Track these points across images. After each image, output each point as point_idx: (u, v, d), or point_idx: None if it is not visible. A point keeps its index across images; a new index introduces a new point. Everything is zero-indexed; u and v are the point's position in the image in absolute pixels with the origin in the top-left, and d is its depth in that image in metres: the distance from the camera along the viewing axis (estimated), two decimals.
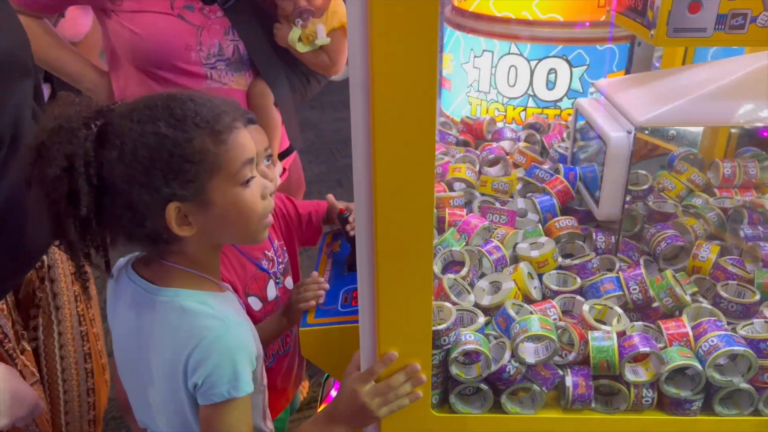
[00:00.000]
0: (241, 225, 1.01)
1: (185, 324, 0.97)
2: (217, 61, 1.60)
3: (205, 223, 0.97)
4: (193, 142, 0.91)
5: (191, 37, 1.56)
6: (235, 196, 0.97)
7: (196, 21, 1.56)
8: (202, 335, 0.95)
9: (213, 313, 0.98)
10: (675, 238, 1.30)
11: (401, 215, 0.90)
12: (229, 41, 1.61)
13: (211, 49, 1.59)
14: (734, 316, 1.15)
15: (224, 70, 1.62)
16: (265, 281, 1.44)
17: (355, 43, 0.81)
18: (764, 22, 1.14)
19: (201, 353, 0.94)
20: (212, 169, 0.93)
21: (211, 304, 0.99)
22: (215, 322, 0.97)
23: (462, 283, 1.21)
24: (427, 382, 1.02)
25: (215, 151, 0.93)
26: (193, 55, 1.57)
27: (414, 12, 0.78)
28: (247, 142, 0.99)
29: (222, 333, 0.96)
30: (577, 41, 1.88)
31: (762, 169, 1.52)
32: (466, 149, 1.78)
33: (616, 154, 1.25)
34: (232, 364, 0.94)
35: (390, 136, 0.85)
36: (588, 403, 1.07)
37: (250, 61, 1.66)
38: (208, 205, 0.95)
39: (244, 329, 1.01)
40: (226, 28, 1.60)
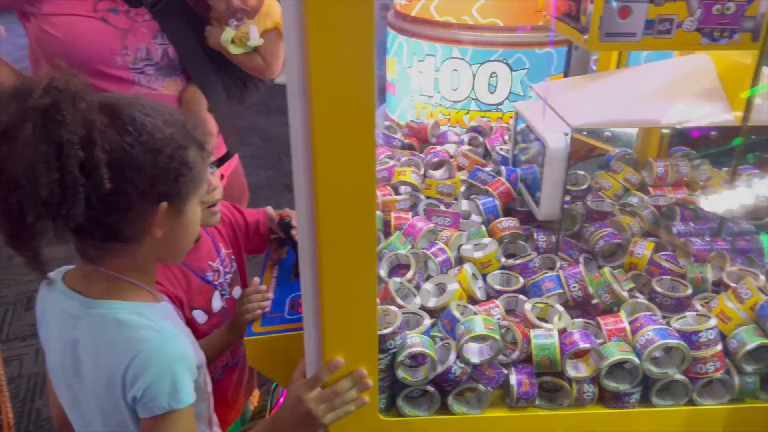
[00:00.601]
0: (186, 241, 1.03)
1: (121, 337, 0.94)
2: (145, 66, 1.56)
3: (170, 231, 0.96)
4: (189, 150, 0.94)
5: (116, 41, 1.51)
6: (196, 213, 1.00)
7: (122, 24, 1.52)
8: (138, 347, 0.92)
9: (149, 324, 0.96)
10: (612, 236, 1.34)
11: (343, 220, 0.90)
12: (158, 45, 1.57)
13: (138, 53, 1.54)
14: (669, 310, 1.19)
15: (153, 75, 1.58)
16: (210, 293, 1.41)
17: (292, 48, 0.80)
18: (689, 27, 1.19)
19: (138, 366, 0.91)
20: (195, 181, 0.96)
21: (148, 315, 0.97)
22: (152, 334, 0.94)
23: (408, 286, 1.21)
24: (374, 386, 1.02)
25: (201, 166, 0.97)
26: (118, 59, 1.52)
27: (350, 15, 0.78)
28: None
29: (159, 344, 0.94)
30: (516, 45, 1.93)
31: (693, 168, 1.59)
32: (411, 153, 1.79)
33: (554, 156, 1.28)
34: (171, 376, 0.92)
35: (330, 140, 0.84)
36: (532, 400, 1.09)
37: (181, 66, 1.62)
38: (181, 215, 0.96)
39: (182, 339, 0.98)
40: (155, 31, 1.56)
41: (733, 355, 1.10)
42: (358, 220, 0.90)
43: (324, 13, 0.77)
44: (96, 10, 1.50)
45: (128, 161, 0.87)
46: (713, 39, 1.20)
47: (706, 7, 1.16)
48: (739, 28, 1.19)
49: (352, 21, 0.78)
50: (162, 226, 0.94)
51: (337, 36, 0.79)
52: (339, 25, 0.78)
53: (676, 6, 1.16)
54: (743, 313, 1.11)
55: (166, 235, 0.96)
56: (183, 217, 0.96)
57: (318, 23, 0.78)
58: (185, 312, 1.36)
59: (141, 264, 1.00)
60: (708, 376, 1.09)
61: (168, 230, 0.95)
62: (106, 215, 0.90)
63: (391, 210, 1.46)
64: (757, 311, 1.10)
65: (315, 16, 0.77)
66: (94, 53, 1.52)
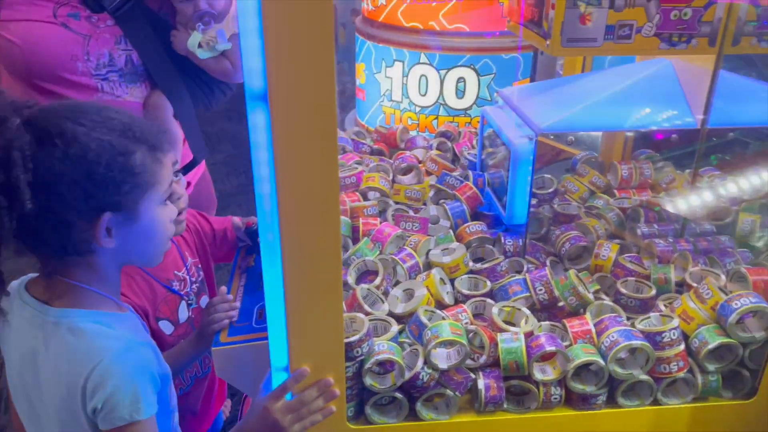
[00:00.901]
0: (153, 245, 1.01)
1: (82, 345, 0.92)
2: (108, 72, 1.53)
3: (126, 239, 0.95)
4: (135, 154, 0.91)
5: (77, 46, 1.48)
6: (158, 215, 0.98)
7: (83, 30, 1.49)
8: (99, 356, 0.91)
9: (111, 333, 0.94)
10: (578, 239, 1.35)
11: (306, 228, 0.89)
12: (121, 51, 1.54)
13: (101, 59, 1.51)
14: (633, 311, 1.21)
15: (117, 82, 1.55)
16: (176, 303, 1.39)
17: (250, 53, 0.79)
18: (648, 32, 1.21)
19: (99, 376, 0.90)
20: (147, 185, 0.94)
21: (110, 324, 0.95)
22: (114, 343, 0.93)
23: (376, 292, 1.21)
24: (342, 394, 1.02)
25: (153, 169, 0.94)
26: (79, 65, 1.49)
27: (309, 19, 0.77)
28: (171, 164, 1.00)
29: (121, 353, 0.92)
30: (483, 51, 1.94)
31: (656, 170, 1.62)
32: (380, 158, 1.79)
33: (519, 160, 1.29)
34: (132, 386, 0.90)
35: (291, 146, 0.84)
36: (500, 404, 1.10)
37: (145, 72, 1.60)
38: (135, 221, 0.94)
39: (144, 349, 0.97)
40: (117, 36, 1.53)
41: (695, 354, 1.12)
42: (322, 227, 0.90)
43: (283, 17, 0.77)
44: (56, 16, 1.47)
45: (57, 177, 0.85)
46: (672, 44, 1.22)
47: (664, 13, 1.18)
48: (696, 33, 1.21)
49: (311, 24, 0.78)
50: (114, 236, 0.92)
51: (297, 39, 0.78)
52: (298, 28, 0.77)
53: (635, 12, 1.18)
54: (705, 313, 1.13)
55: (124, 242, 0.94)
56: (138, 222, 0.94)
57: (277, 27, 0.77)
58: (151, 323, 1.33)
59: (102, 273, 0.98)
60: (672, 375, 1.10)
61: (124, 238, 0.94)
62: (48, 232, 0.89)
63: (359, 216, 1.46)
64: (718, 311, 1.12)
65: (273, 19, 0.77)
66: (55, 60, 1.48)
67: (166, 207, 1.00)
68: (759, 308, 1.09)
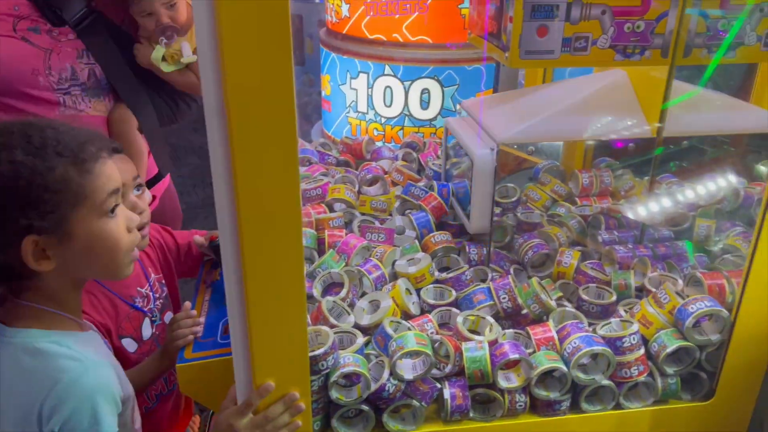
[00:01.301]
0: (105, 259, 0.97)
1: (39, 366, 0.90)
2: (71, 86, 1.51)
3: (65, 257, 0.91)
4: (55, 171, 0.87)
5: (38, 60, 1.46)
6: (99, 228, 0.93)
7: (44, 44, 1.47)
8: (57, 378, 0.88)
9: (70, 353, 0.92)
10: (541, 247, 1.37)
11: (268, 241, 0.89)
12: (84, 65, 1.53)
13: (63, 73, 1.49)
14: (595, 317, 1.23)
15: (80, 96, 1.54)
16: (139, 320, 1.37)
17: (207, 67, 0.79)
18: (604, 44, 1.24)
19: (57, 397, 0.87)
20: (75, 199, 0.89)
21: (69, 344, 0.93)
22: (72, 363, 0.91)
23: (341, 304, 1.21)
24: (307, 409, 1.01)
25: (79, 181, 0.90)
26: (41, 79, 1.47)
27: (266, 33, 0.77)
28: (114, 173, 0.96)
29: (80, 374, 0.90)
30: (447, 62, 1.97)
31: (616, 178, 1.65)
32: (345, 169, 1.79)
33: (482, 170, 1.30)
34: (91, 407, 0.88)
35: (250, 159, 0.83)
36: (466, 413, 1.10)
37: (109, 86, 1.58)
38: (70, 238, 0.90)
39: (105, 369, 0.95)
40: (80, 50, 1.51)
41: (655, 358, 1.14)
42: (284, 241, 0.89)
43: (239, 29, 0.76)
44: (16, 30, 1.45)
45: None
46: (626, 55, 1.25)
47: (618, 26, 1.22)
48: (649, 45, 1.25)
49: (268, 37, 0.77)
50: (45, 258, 0.90)
51: (253, 52, 0.78)
52: (255, 41, 0.77)
53: (590, 24, 1.21)
54: (663, 317, 1.16)
55: (66, 262, 0.91)
56: (74, 240, 0.91)
57: (233, 40, 0.77)
58: (114, 340, 1.31)
59: (56, 293, 0.96)
60: (633, 379, 1.12)
61: (64, 257, 0.91)
62: None
63: (325, 228, 1.46)
64: (676, 315, 1.15)
65: (230, 32, 0.76)
66: (16, 74, 1.46)
67: (113, 218, 0.95)
68: (714, 311, 1.12)
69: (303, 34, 3.81)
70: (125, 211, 1.00)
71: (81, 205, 0.90)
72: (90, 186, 0.91)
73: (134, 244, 1.01)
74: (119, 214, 0.97)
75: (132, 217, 1.01)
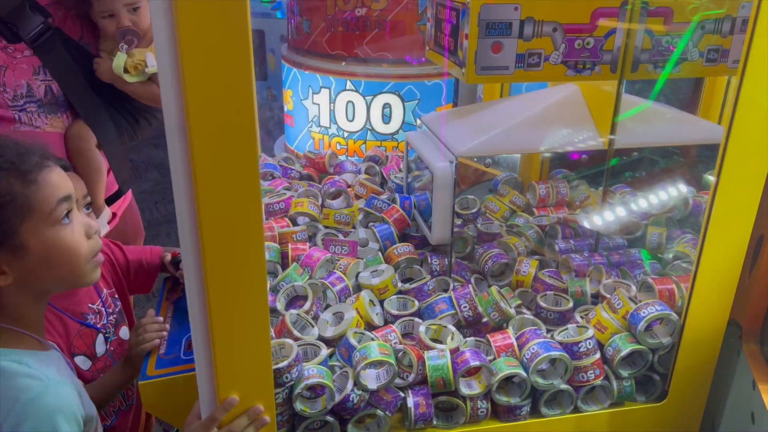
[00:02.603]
0: (65, 268, 0.96)
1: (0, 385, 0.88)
2: (26, 103, 1.50)
3: (22, 270, 0.91)
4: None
5: None
6: (53, 238, 0.92)
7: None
8: (16, 397, 0.87)
9: (30, 372, 0.90)
10: (500, 256, 1.41)
11: (230, 257, 0.89)
12: (40, 81, 1.51)
13: (18, 90, 1.48)
14: (553, 323, 1.26)
15: (36, 113, 1.52)
16: (92, 337, 1.34)
17: (167, 82, 0.80)
18: (556, 60, 1.29)
19: (16, 417, 0.86)
20: (22, 211, 0.88)
21: (28, 363, 0.92)
22: (32, 382, 0.89)
23: (305, 317, 1.22)
24: (272, 421, 1.01)
25: (24, 192, 0.89)
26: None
27: (226, 49, 0.78)
28: (61, 181, 0.95)
29: (39, 393, 0.89)
30: (407, 77, 2.01)
31: (572, 189, 1.70)
32: (309, 183, 1.80)
33: (441, 183, 1.33)
34: (51, 426, 0.87)
35: (211, 176, 0.84)
36: (429, 421, 1.12)
37: (66, 102, 1.57)
38: (23, 250, 0.90)
39: (66, 388, 0.93)
40: (36, 67, 1.50)
41: (610, 362, 1.18)
42: (246, 256, 0.90)
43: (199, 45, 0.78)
44: None
45: None
46: (577, 70, 1.31)
47: (569, 42, 1.27)
48: (599, 61, 1.30)
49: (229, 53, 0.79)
50: (9, 271, 0.89)
51: (214, 68, 0.79)
52: (215, 56, 0.78)
53: (542, 41, 1.26)
54: (617, 322, 1.20)
55: (24, 275, 0.91)
56: (29, 252, 0.90)
57: (193, 56, 0.78)
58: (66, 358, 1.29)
59: (17, 309, 0.94)
60: (589, 383, 1.16)
61: (22, 270, 0.90)
62: None
63: (288, 241, 1.46)
64: (629, 320, 1.19)
65: (190, 48, 0.77)
66: None
67: (68, 225, 0.94)
68: (664, 315, 1.17)
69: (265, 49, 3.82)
70: (82, 217, 0.99)
71: (29, 217, 0.90)
72: (36, 196, 0.90)
73: (95, 250, 1.00)
74: (74, 220, 0.96)
75: (90, 224, 1.00)
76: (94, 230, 1.01)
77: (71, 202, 0.96)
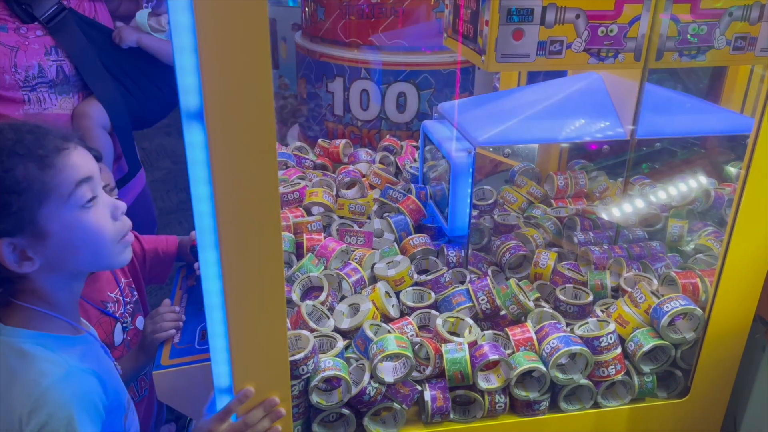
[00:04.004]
0: (92, 249, 0.94)
1: (22, 369, 0.89)
2: (37, 84, 1.49)
3: (47, 255, 0.90)
4: (14, 171, 0.85)
5: (4, 59, 1.43)
6: (75, 220, 0.91)
7: (10, 42, 1.44)
8: (36, 381, 0.87)
9: (53, 357, 0.90)
10: (518, 248, 1.39)
11: (247, 246, 0.88)
12: (51, 61, 1.50)
13: (30, 70, 1.47)
14: (572, 317, 1.24)
15: (46, 93, 1.51)
16: (111, 326, 1.34)
17: (185, 70, 0.78)
18: (578, 48, 1.26)
19: (35, 401, 0.86)
20: (39, 196, 0.87)
21: (54, 348, 0.92)
22: (53, 368, 0.89)
23: (321, 308, 1.20)
24: (288, 414, 1.00)
25: (41, 178, 0.87)
26: (7, 78, 1.44)
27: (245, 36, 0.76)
28: (81, 161, 0.92)
29: (59, 380, 0.88)
30: (422, 66, 1.97)
31: (590, 180, 1.67)
32: (323, 173, 1.78)
33: (459, 173, 1.31)
34: (67, 416, 0.87)
35: (229, 164, 0.83)
36: (447, 414, 1.11)
37: (78, 83, 1.55)
38: (46, 235, 0.89)
39: (87, 377, 0.93)
40: (48, 47, 1.49)
41: (631, 357, 1.16)
42: (263, 245, 0.88)
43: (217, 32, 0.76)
44: None
45: None
46: (600, 58, 1.27)
47: (592, 29, 1.24)
48: (622, 48, 1.27)
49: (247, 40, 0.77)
50: (27, 258, 0.88)
51: (232, 55, 0.77)
52: (233, 44, 0.77)
53: (565, 28, 1.23)
54: (639, 317, 1.17)
55: (50, 259, 0.90)
56: (51, 237, 0.89)
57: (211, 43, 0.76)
58: None
59: (47, 294, 0.94)
60: (610, 378, 1.14)
61: (46, 255, 0.89)
62: None
63: (303, 232, 1.45)
64: (651, 314, 1.16)
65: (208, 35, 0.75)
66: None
67: (91, 207, 0.92)
68: (688, 310, 1.14)
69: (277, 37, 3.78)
70: (107, 197, 0.97)
71: (47, 201, 0.88)
72: (53, 181, 0.88)
73: (123, 231, 0.99)
74: (99, 202, 0.94)
75: (117, 204, 0.98)
76: (121, 211, 0.99)
77: (92, 183, 0.93)
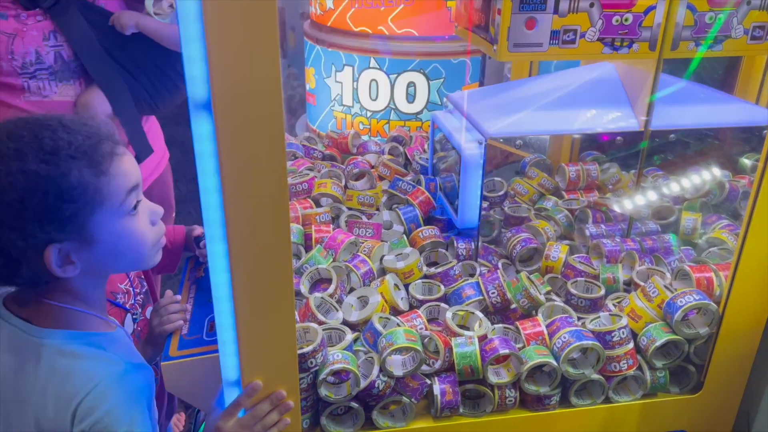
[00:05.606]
0: (132, 255, 0.95)
1: (77, 368, 0.89)
2: (36, 70, 1.47)
3: (91, 260, 0.89)
4: (69, 176, 0.83)
5: (1, 46, 1.42)
6: (122, 228, 0.90)
7: (9, 29, 1.43)
8: (96, 380, 0.87)
9: (107, 356, 0.91)
10: (529, 241, 1.37)
11: (256, 237, 0.87)
12: (49, 47, 1.48)
13: (27, 57, 1.45)
14: (584, 311, 1.23)
15: (46, 80, 1.49)
16: (121, 317, 1.34)
17: (193, 61, 0.77)
18: (592, 37, 1.23)
19: (93, 399, 0.86)
20: (94, 204, 0.86)
21: (102, 345, 0.92)
22: (111, 367, 0.90)
23: (329, 300, 1.19)
24: (296, 407, 0.99)
25: (96, 184, 0.85)
26: (4, 65, 1.43)
27: (253, 26, 0.75)
28: (131, 169, 0.92)
29: (119, 378, 0.89)
30: (432, 55, 1.95)
31: (602, 171, 1.65)
32: (332, 164, 1.77)
33: (470, 164, 1.29)
34: (129, 413, 0.88)
35: (237, 155, 0.81)
36: (456, 408, 1.10)
37: (78, 69, 1.53)
38: (93, 241, 0.88)
39: (143, 372, 0.95)
40: (46, 32, 1.47)
41: (644, 351, 1.14)
42: (271, 237, 0.87)
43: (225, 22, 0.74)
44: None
45: None
46: (614, 48, 1.25)
47: (606, 18, 1.21)
48: (637, 38, 1.24)
49: (255, 30, 0.75)
50: (70, 263, 0.87)
51: (240, 45, 0.76)
52: (241, 33, 0.75)
53: (578, 17, 1.20)
54: (652, 311, 1.15)
55: (91, 264, 0.89)
56: (98, 243, 0.88)
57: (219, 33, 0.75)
58: None
59: (82, 294, 0.94)
60: (622, 373, 1.12)
61: (89, 260, 0.89)
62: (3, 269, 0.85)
63: (311, 223, 1.44)
64: (664, 308, 1.15)
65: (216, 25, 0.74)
66: None
67: (134, 217, 0.92)
68: (702, 305, 1.12)
69: (286, 26, 3.76)
70: (148, 204, 0.97)
71: (100, 209, 0.87)
72: (107, 188, 0.87)
73: (160, 235, 0.99)
74: (141, 209, 0.94)
75: (155, 210, 0.98)
76: (159, 216, 0.99)
77: (139, 191, 0.94)
